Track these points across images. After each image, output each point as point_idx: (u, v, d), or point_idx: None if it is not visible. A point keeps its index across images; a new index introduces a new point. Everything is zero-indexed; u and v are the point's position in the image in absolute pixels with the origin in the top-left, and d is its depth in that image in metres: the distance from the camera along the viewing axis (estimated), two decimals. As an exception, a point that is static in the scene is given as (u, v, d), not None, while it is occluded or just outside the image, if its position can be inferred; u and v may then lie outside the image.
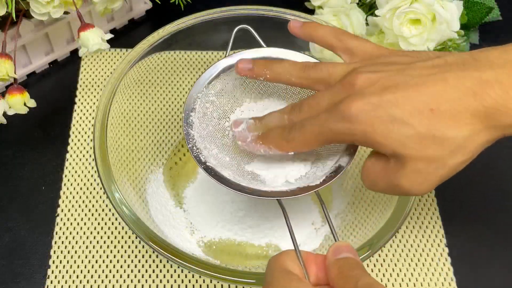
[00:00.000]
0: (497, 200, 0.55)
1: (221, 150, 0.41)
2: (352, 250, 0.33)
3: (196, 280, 0.49)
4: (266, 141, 0.38)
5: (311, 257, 0.33)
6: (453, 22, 0.55)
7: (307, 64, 0.39)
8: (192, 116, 0.41)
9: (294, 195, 0.38)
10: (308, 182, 0.38)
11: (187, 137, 0.40)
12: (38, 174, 0.54)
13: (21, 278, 0.48)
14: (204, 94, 0.43)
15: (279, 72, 0.40)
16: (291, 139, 0.37)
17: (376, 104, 0.32)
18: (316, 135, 0.35)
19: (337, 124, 0.33)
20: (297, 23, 0.43)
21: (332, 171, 0.39)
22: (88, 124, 0.58)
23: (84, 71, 0.62)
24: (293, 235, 0.35)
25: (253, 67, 0.41)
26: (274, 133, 0.38)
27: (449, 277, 0.50)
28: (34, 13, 0.51)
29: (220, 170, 0.39)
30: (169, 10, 0.63)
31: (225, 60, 0.43)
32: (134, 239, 0.51)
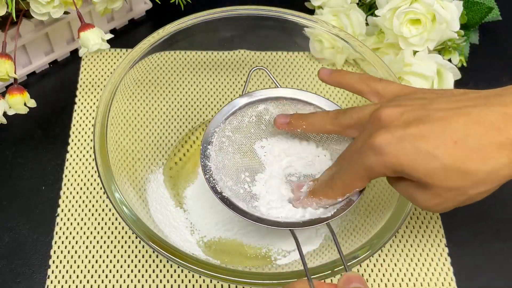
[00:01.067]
0: (497, 200, 0.55)
1: (236, 182, 0.43)
2: (362, 281, 0.34)
3: (196, 280, 0.49)
4: (315, 194, 0.41)
5: (324, 287, 0.34)
6: (453, 22, 0.55)
7: (339, 111, 0.41)
8: (209, 149, 0.44)
9: (306, 226, 0.40)
10: (319, 214, 0.41)
11: (203, 169, 0.43)
12: (38, 174, 0.54)
13: (21, 278, 0.48)
14: (221, 129, 0.45)
15: (314, 123, 0.43)
16: (334, 185, 0.39)
17: (400, 137, 0.33)
18: (352, 175, 0.37)
19: (366, 159, 0.35)
20: (326, 71, 0.45)
21: (343, 204, 0.41)
22: (88, 124, 0.58)
23: (84, 71, 0.62)
24: (305, 263, 0.36)
25: (290, 121, 0.44)
26: (320, 185, 0.41)
27: (449, 277, 0.50)
28: (34, 13, 0.51)
29: (236, 201, 0.41)
30: (169, 10, 0.63)
31: (241, 99, 0.46)
32: (134, 239, 0.51)
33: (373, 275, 0.49)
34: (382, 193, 0.46)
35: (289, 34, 0.51)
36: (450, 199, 0.34)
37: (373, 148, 0.34)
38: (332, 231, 0.39)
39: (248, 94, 0.47)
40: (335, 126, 0.41)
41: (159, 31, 0.50)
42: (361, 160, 0.35)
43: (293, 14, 0.51)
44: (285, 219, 0.41)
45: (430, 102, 0.35)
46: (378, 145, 0.34)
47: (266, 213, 0.42)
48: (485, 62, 0.65)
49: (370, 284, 0.49)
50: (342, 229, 0.48)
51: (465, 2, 0.60)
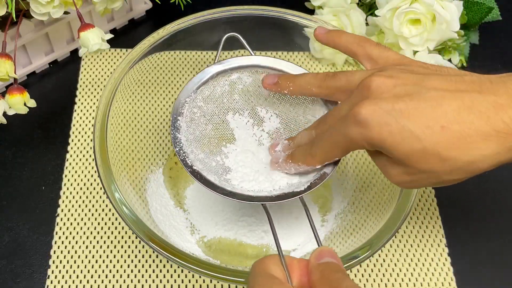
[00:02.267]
0: (497, 200, 0.55)
1: (207, 155, 0.42)
2: (334, 255, 0.33)
3: (196, 280, 0.49)
4: (295, 159, 0.40)
5: (295, 262, 0.33)
6: (453, 22, 0.55)
7: (327, 74, 0.40)
8: (179, 120, 0.42)
9: (278, 200, 0.39)
10: (293, 188, 0.39)
11: (173, 141, 0.41)
12: (38, 174, 0.54)
13: (21, 278, 0.48)
14: (192, 99, 0.43)
15: (301, 85, 0.41)
16: (314, 153, 0.38)
17: (387, 111, 0.32)
18: (333, 144, 0.36)
19: (349, 129, 0.34)
20: (322, 29, 0.43)
21: (316, 177, 0.40)
22: (88, 124, 0.58)
23: (84, 71, 0.62)
24: (277, 239, 0.35)
25: (278, 81, 0.43)
26: (300, 150, 0.40)
27: (449, 277, 0.50)
28: (34, 13, 0.51)
29: (206, 175, 0.40)
30: (169, 10, 0.63)
31: (214, 67, 0.44)
32: (134, 239, 0.51)
33: (373, 275, 0.49)
34: (382, 193, 0.46)
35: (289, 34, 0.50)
36: (422, 179, 0.34)
37: (357, 120, 0.33)
38: (305, 206, 0.38)
39: (220, 62, 0.45)
40: (323, 89, 0.40)
41: (159, 31, 0.50)
42: (344, 130, 0.34)
43: (293, 14, 0.51)
44: (258, 193, 0.39)
45: (424, 79, 0.34)
46: (363, 118, 0.33)
47: (239, 186, 0.40)
48: (485, 62, 0.65)
49: (370, 284, 0.49)
50: (342, 229, 0.48)
51: (465, 2, 0.60)
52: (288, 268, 0.33)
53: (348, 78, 0.38)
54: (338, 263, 0.33)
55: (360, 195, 0.50)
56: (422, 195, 0.55)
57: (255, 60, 0.45)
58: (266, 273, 0.32)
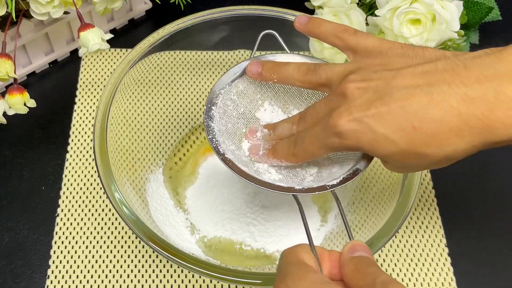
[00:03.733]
0: (497, 200, 0.55)
1: (238, 147, 0.42)
2: (367, 249, 0.33)
3: (196, 280, 0.49)
4: (277, 155, 0.40)
5: (325, 253, 0.33)
6: (453, 22, 0.55)
7: (309, 68, 0.40)
8: (213, 110, 0.42)
9: (310, 193, 0.38)
10: (324, 182, 0.39)
11: (207, 129, 0.41)
12: (38, 174, 0.54)
13: (21, 278, 0.48)
14: (226, 91, 0.43)
15: (285, 76, 0.42)
16: (296, 153, 0.39)
17: (360, 120, 0.33)
18: (314, 149, 0.37)
19: (329, 140, 0.35)
20: (303, 18, 0.43)
21: (350, 173, 0.39)
22: (88, 124, 0.58)
23: (84, 71, 0.62)
24: (308, 230, 0.35)
25: (261, 71, 0.43)
26: (282, 147, 0.40)
27: (449, 277, 0.50)
28: (34, 13, 0.51)
29: (238, 164, 0.40)
30: (169, 10, 0.63)
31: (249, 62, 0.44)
32: (134, 239, 0.51)
33: (373, 275, 0.49)
34: (382, 193, 0.46)
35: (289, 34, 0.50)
36: (411, 170, 0.38)
37: (335, 132, 0.34)
38: (337, 199, 0.38)
39: (256, 58, 0.44)
40: (305, 83, 0.40)
41: (159, 31, 0.50)
42: (324, 139, 0.36)
43: (293, 14, 0.51)
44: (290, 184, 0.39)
45: (396, 76, 0.34)
46: (339, 130, 0.34)
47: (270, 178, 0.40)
48: (485, 62, 0.65)
49: (370, 284, 0.49)
50: (342, 229, 0.48)
51: (465, 2, 0.60)
52: (320, 258, 0.33)
53: (328, 75, 0.39)
54: (371, 257, 0.32)
55: (360, 195, 0.50)
56: (422, 195, 0.55)
57: (291, 58, 0.44)
58: (300, 261, 0.31)
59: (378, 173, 0.48)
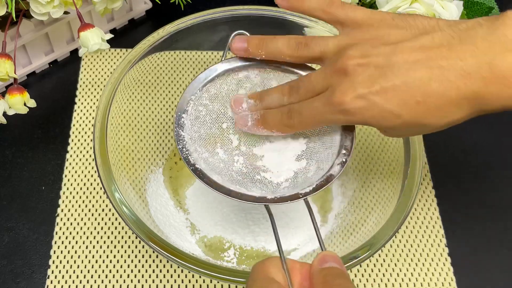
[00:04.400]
0: (497, 200, 0.55)
1: (212, 154, 0.41)
2: (338, 260, 0.33)
3: (196, 280, 0.49)
4: (268, 126, 0.40)
5: (297, 266, 0.33)
6: (453, 22, 0.55)
7: (300, 42, 0.40)
8: (184, 117, 0.41)
9: (282, 202, 0.38)
10: (297, 189, 0.39)
11: (177, 138, 0.40)
12: (38, 174, 0.54)
13: (21, 278, 0.48)
14: (197, 97, 0.42)
15: (273, 52, 0.41)
16: (291, 124, 0.38)
17: (366, 97, 0.34)
18: (314, 122, 0.38)
19: (332, 116, 0.36)
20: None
21: (323, 179, 0.39)
22: (88, 124, 0.58)
23: (84, 71, 0.62)
24: (279, 243, 0.35)
25: (247, 47, 0.42)
26: (274, 118, 0.39)
27: (449, 277, 0.50)
28: (34, 13, 0.51)
29: (210, 174, 0.39)
30: (169, 10, 0.63)
31: (221, 65, 0.43)
32: (134, 239, 0.51)
33: (373, 275, 0.49)
34: (382, 193, 0.46)
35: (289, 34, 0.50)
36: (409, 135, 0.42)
37: (340, 109, 0.35)
38: (309, 208, 0.38)
39: (227, 60, 0.44)
40: (296, 58, 0.40)
41: (159, 31, 0.50)
42: (326, 114, 0.36)
43: (293, 14, 0.51)
44: (261, 194, 0.39)
45: (394, 51, 0.35)
46: (345, 107, 0.35)
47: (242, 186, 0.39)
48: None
49: (370, 284, 0.49)
50: (342, 229, 0.48)
51: (465, 2, 0.60)
52: (290, 271, 0.32)
53: (322, 49, 0.38)
54: (342, 268, 0.32)
55: (360, 195, 0.50)
56: (422, 195, 0.55)
57: None
58: (266, 277, 0.31)
59: (378, 173, 0.49)
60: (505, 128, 0.60)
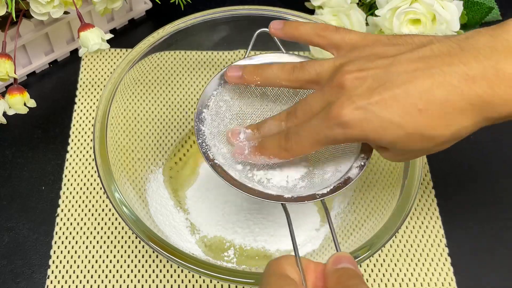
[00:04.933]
0: (497, 200, 0.55)
1: (231, 150, 0.41)
2: (352, 261, 0.33)
3: (196, 280, 0.49)
4: (265, 152, 0.39)
5: (311, 265, 0.33)
6: (453, 22, 0.55)
7: (295, 66, 0.39)
8: (204, 112, 0.42)
9: (299, 201, 0.38)
10: (315, 190, 0.38)
11: (197, 133, 0.40)
12: (38, 174, 0.54)
13: (21, 278, 0.48)
14: (219, 92, 0.43)
15: (269, 78, 0.40)
16: (289, 148, 0.37)
17: (365, 108, 0.33)
18: (312, 142, 0.36)
19: (330, 131, 0.34)
20: (277, 24, 0.42)
21: (341, 181, 0.39)
22: (88, 124, 0.58)
23: (84, 71, 0.62)
24: (294, 241, 0.35)
25: (242, 74, 0.41)
26: (271, 143, 0.39)
27: (449, 277, 0.50)
28: (34, 13, 0.51)
29: (227, 170, 0.39)
30: (169, 10, 0.63)
31: (244, 61, 0.43)
32: (134, 239, 0.51)
33: (373, 275, 0.49)
34: (382, 193, 0.46)
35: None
36: (413, 156, 0.37)
37: (339, 122, 0.33)
38: (326, 209, 0.38)
39: (250, 58, 0.43)
40: (292, 82, 0.39)
41: (159, 31, 0.50)
42: (323, 131, 0.35)
43: (293, 14, 0.51)
44: (278, 192, 0.39)
45: (393, 62, 0.34)
46: (343, 119, 0.33)
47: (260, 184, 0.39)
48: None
49: (370, 284, 0.49)
50: (342, 229, 0.48)
51: (465, 2, 0.60)
52: (304, 271, 0.32)
53: (317, 71, 0.38)
54: (356, 269, 0.32)
55: (360, 195, 0.50)
56: (422, 195, 0.55)
57: (286, 58, 0.44)
58: (281, 273, 0.31)
59: (378, 173, 0.49)
60: (505, 128, 0.60)
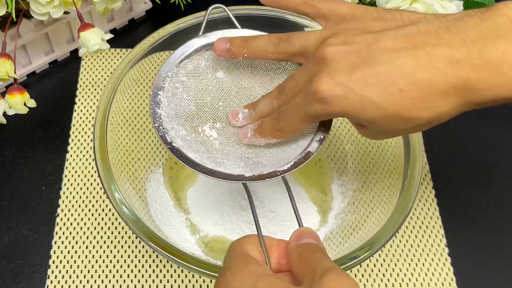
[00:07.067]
0: (497, 200, 0.55)
1: (189, 132, 0.40)
2: (314, 235, 0.32)
3: (196, 280, 0.49)
4: (263, 134, 0.39)
5: (274, 243, 0.33)
6: (453, 22, 0.55)
7: (280, 38, 0.39)
8: (160, 95, 0.40)
9: (260, 180, 0.37)
10: (275, 167, 0.38)
11: (153, 116, 0.39)
12: (38, 174, 0.54)
13: (21, 278, 0.48)
14: (174, 73, 0.42)
15: (255, 50, 0.40)
16: (281, 128, 0.38)
17: (344, 84, 0.32)
18: (299, 120, 0.36)
19: (311, 107, 0.34)
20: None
21: (301, 156, 0.38)
22: (88, 124, 0.58)
23: (84, 71, 0.62)
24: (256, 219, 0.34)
25: (230, 47, 0.41)
26: (266, 126, 0.39)
27: (449, 277, 0.50)
28: (34, 13, 0.51)
29: (187, 152, 0.39)
30: (169, 10, 0.63)
31: (198, 40, 0.42)
32: (134, 239, 0.51)
33: (373, 275, 0.49)
34: (382, 193, 0.46)
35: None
36: (390, 135, 0.37)
37: (317, 98, 0.33)
38: (287, 185, 0.37)
39: (205, 35, 0.42)
40: (278, 54, 0.39)
41: (159, 31, 0.50)
42: (306, 108, 0.34)
43: (293, 14, 0.51)
44: (239, 172, 0.38)
45: (378, 38, 0.33)
46: (322, 95, 0.33)
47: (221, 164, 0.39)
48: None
49: (370, 284, 0.49)
50: (342, 229, 0.48)
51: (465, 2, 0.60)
52: (267, 249, 0.32)
53: (302, 43, 0.37)
54: (318, 243, 0.32)
55: (360, 195, 0.50)
56: (422, 195, 0.55)
57: (242, 33, 0.43)
58: (242, 253, 0.31)
59: (378, 173, 0.49)
60: (506, 127, 0.60)
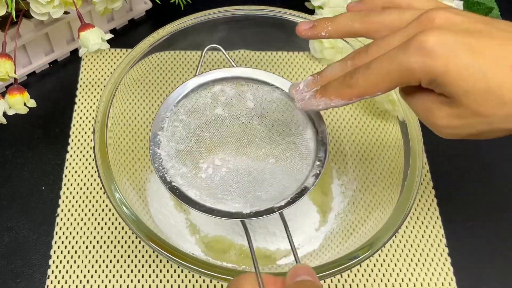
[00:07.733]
0: (497, 200, 0.55)
1: (190, 169, 0.41)
2: (311, 272, 0.32)
3: (196, 280, 0.49)
4: (326, 93, 0.35)
5: (271, 280, 0.32)
6: (453, 22, 0.55)
7: (372, 9, 0.36)
8: (159, 135, 0.41)
9: (257, 217, 0.38)
10: (272, 203, 0.39)
11: (152, 157, 0.40)
12: (38, 174, 0.54)
13: (21, 278, 0.48)
14: (173, 113, 0.43)
15: (341, 23, 0.36)
16: (354, 83, 0.33)
17: (456, 42, 0.30)
18: (384, 74, 0.31)
19: (409, 58, 0.30)
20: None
21: (297, 192, 0.39)
22: (88, 124, 0.58)
23: (84, 71, 0.62)
24: (254, 257, 0.35)
25: (314, 24, 0.38)
26: (333, 82, 0.35)
27: (449, 277, 0.50)
28: (34, 13, 0.51)
29: (186, 190, 0.40)
30: (169, 10, 0.63)
31: (195, 79, 0.43)
32: (134, 239, 0.51)
33: (373, 275, 0.49)
34: (382, 193, 0.46)
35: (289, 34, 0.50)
36: (471, 125, 0.31)
37: (423, 47, 0.30)
38: (284, 222, 0.38)
39: (200, 75, 0.43)
40: (367, 23, 0.35)
41: (159, 31, 0.50)
42: (401, 58, 0.30)
43: (293, 14, 0.51)
44: (238, 209, 0.39)
45: (492, 20, 0.31)
46: (430, 45, 0.30)
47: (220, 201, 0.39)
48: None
49: (370, 284, 0.49)
50: (342, 229, 0.48)
51: (465, 2, 0.60)
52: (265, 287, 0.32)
53: (400, 16, 0.34)
54: (314, 280, 0.32)
55: (360, 195, 0.50)
56: (422, 195, 0.55)
57: (237, 71, 0.44)
58: None
59: (378, 173, 0.49)
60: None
